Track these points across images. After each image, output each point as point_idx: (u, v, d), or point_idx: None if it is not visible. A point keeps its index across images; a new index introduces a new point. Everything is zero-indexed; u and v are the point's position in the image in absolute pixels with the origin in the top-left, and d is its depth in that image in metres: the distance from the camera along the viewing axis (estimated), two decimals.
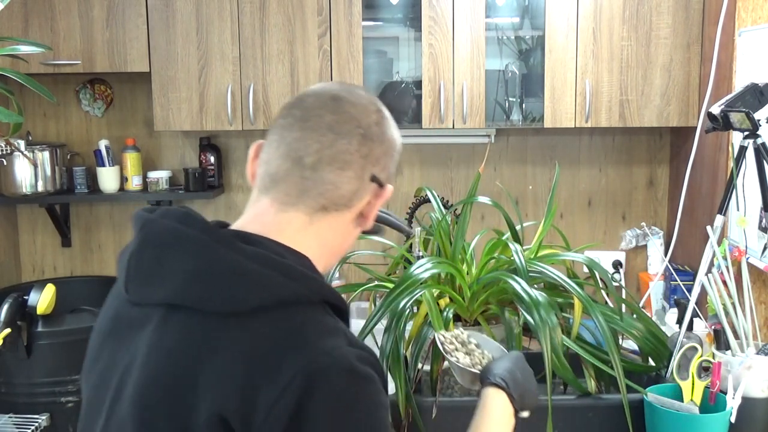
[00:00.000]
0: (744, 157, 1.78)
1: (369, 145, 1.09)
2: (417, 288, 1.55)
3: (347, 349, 0.96)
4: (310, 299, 1.00)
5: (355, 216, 1.12)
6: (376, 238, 1.54)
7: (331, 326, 1.00)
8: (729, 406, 1.49)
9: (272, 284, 0.98)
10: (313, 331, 0.97)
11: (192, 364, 0.96)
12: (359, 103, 1.11)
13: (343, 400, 0.92)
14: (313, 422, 0.89)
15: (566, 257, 1.72)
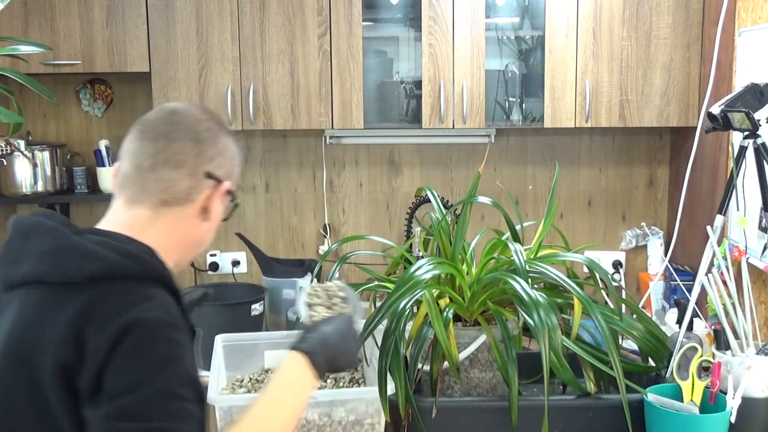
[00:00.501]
0: (744, 157, 1.78)
1: (201, 147, 1.30)
2: (417, 288, 1.55)
3: (159, 312, 1.15)
4: (141, 276, 1.19)
5: (199, 210, 1.31)
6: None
7: (154, 295, 1.18)
8: (729, 406, 1.49)
9: (106, 260, 1.18)
10: (135, 298, 1.15)
11: (39, 329, 1.15)
12: (192, 114, 1.33)
13: (145, 345, 1.12)
14: (119, 359, 1.10)
15: (566, 257, 1.72)
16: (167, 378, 1.12)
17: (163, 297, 1.20)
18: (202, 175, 1.30)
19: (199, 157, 1.30)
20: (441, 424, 1.53)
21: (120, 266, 1.18)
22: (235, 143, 1.38)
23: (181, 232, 1.31)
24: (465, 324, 1.66)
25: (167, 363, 1.13)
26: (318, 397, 1.53)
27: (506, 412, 1.51)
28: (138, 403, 1.09)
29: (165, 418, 1.09)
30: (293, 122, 2.93)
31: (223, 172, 1.34)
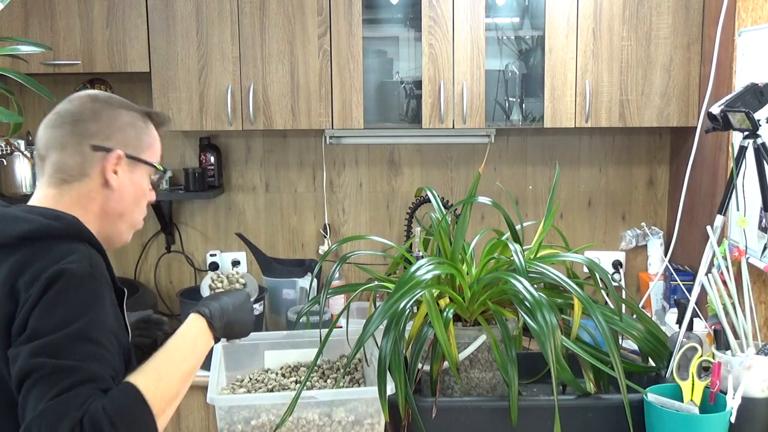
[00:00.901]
0: (744, 157, 1.78)
1: (81, 126, 1.45)
2: (417, 288, 1.55)
3: (83, 264, 1.31)
4: (65, 234, 1.35)
5: (101, 182, 1.46)
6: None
7: (78, 250, 1.34)
8: (729, 406, 1.49)
9: (34, 222, 1.35)
10: (61, 252, 1.31)
11: None
12: (75, 99, 1.50)
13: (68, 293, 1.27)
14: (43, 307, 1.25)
15: (566, 258, 1.72)
16: (85, 323, 1.26)
17: (87, 251, 1.35)
18: (89, 150, 1.45)
19: (80, 135, 1.45)
20: (441, 424, 1.53)
21: (46, 227, 1.35)
22: (130, 113, 1.51)
23: (92, 205, 1.46)
24: (465, 324, 1.66)
25: (87, 309, 1.27)
26: (318, 397, 1.53)
27: (506, 412, 1.51)
28: (55, 342, 1.23)
29: (77, 357, 1.22)
30: (293, 122, 2.93)
31: (115, 142, 1.47)
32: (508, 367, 1.51)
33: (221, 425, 1.54)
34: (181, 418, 2.85)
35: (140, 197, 1.53)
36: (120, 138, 1.48)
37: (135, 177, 1.50)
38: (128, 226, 1.53)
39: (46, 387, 1.20)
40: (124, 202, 1.49)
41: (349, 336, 1.70)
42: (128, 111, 1.52)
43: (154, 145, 1.55)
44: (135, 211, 1.53)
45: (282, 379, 1.74)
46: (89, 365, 1.23)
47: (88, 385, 1.21)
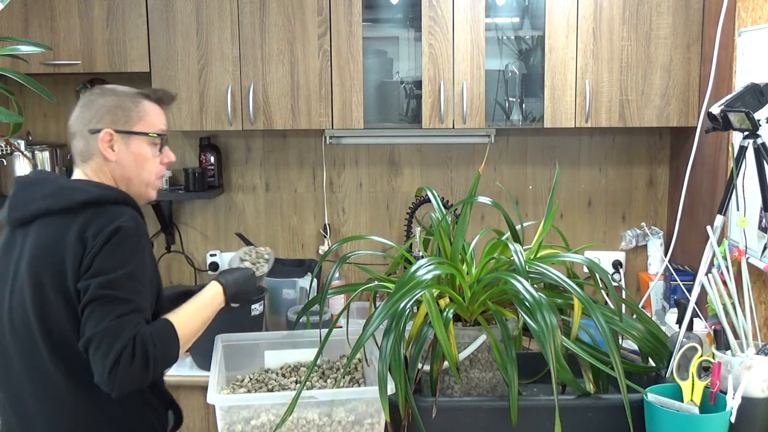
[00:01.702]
0: (744, 157, 1.78)
1: (81, 115, 1.82)
2: (417, 288, 1.55)
3: (132, 223, 1.69)
4: (115, 200, 1.75)
5: (103, 158, 1.81)
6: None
7: (126, 212, 1.72)
8: (729, 406, 1.49)
9: (91, 192, 1.73)
10: (116, 214, 1.70)
11: (59, 245, 1.68)
12: (84, 95, 1.87)
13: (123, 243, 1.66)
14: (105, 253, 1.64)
15: (566, 258, 1.72)
16: (133, 267, 1.65)
17: (133, 213, 1.74)
18: (88, 133, 1.81)
19: (81, 123, 1.82)
20: (441, 424, 1.53)
21: (103, 194, 1.74)
22: (118, 97, 1.84)
23: (107, 176, 1.82)
24: (465, 324, 1.66)
25: (135, 257, 1.67)
26: (318, 397, 1.53)
27: (506, 412, 1.51)
28: (115, 279, 1.62)
29: (130, 292, 1.63)
30: (293, 122, 2.94)
31: (104, 123, 1.80)
32: (508, 367, 1.51)
33: (221, 425, 1.54)
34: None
35: (142, 162, 1.84)
36: (108, 119, 1.81)
37: (132, 147, 1.82)
38: (142, 185, 1.86)
39: (107, 311, 1.59)
40: (127, 168, 1.82)
41: (349, 336, 1.70)
42: (117, 95, 1.85)
43: (145, 117, 1.84)
44: (142, 173, 1.84)
45: (282, 379, 1.74)
46: (138, 299, 1.63)
47: (138, 314, 1.62)
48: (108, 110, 1.81)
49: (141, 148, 1.83)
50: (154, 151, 1.86)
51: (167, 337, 1.65)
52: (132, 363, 1.56)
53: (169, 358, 1.66)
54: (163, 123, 1.90)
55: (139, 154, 1.83)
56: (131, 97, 1.85)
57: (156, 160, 1.87)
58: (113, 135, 1.79)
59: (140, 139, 1.83)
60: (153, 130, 1.85)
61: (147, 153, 1.84)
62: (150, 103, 1.88)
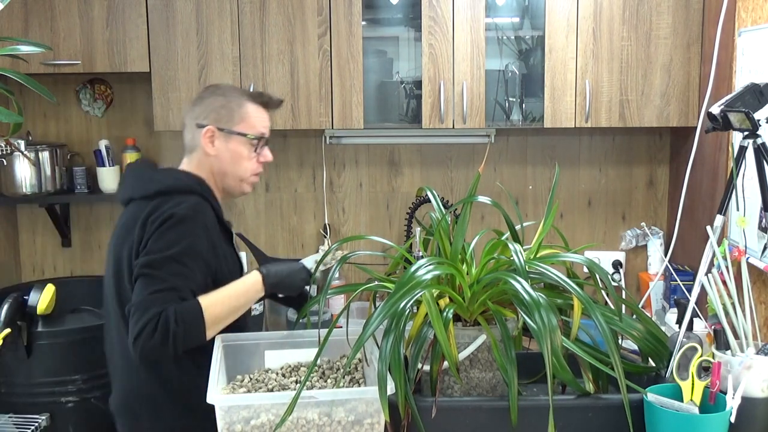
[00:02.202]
0: (744, 157, 1.78)
1: (193, 110, 2.07)
2: (417, 288, 1.55)
3: (187, 210, 1.88)
4: (182, 189, 1.94)
5: (205, 151, 2.03)
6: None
7: (187, 200, 1.91)
8: (729, 406, 1.49)
9: (163, 182, 1.95)
10: (177, 201, 1.89)
11: (132, 224, 1.90)
12: (200, 92, 2.13)
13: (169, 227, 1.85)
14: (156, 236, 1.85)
15: (566, 258, 1.72)
16: (178, 249, 1.83)
17: (194, 201, 1.92)
18: (195, 127, 2.04)
19: (191, 117, 2.06)
20: (441, 424, 1.53)
21: (171, 185, 1.95)
22: (225, 97, 2.05)
23: (206, 168, 2.04)
24: (465, 324, 1.66)
25: (182, 240, 1.84)
26: (318, 397, 1.53)
27: (506, 412, 1.51)
28: (156, 260, 1.81)
29: (167, 272, 1.81)
30: (293, 122, 2.94)
31: (211, 119, 2.03)
32: (507, 367, 1.51)
33: (221, 425, 1.54)
34: None
35: (238, 159, 2.04)
36: (213, 117, 2.03)
37: (230, 145, 2.03)
38: (236, 180, 2.07)
39: (144, 287, 1.79)
40: (224, 164, 2.04)
41: (349, 336, 1.70)
42: (225, 96, 2.06)
43: (247, 119, 2.04)
44: (237, 170, 2.05)
45: (282, 379, 1.74)
46: (174, 280, 1.80)
47: (171, 293, 1.78)
48: (214, 109, 2.04)
49: (238, 147, 2.04)
50: (251, 150, 2.06)
51: (192, 317, 1.78)
52: (152, 336, 1.74)
53: (193, 337, 1.79)
54: (264, 126, 2.09)
55: (236, 152, 2.04)
56: (237, 99, 2.05)
57: (252, 158, 2.07)
58: (215, 132, 2.02)
59: (239, 139, 2.04)
60: (252, 132, 2.05)
61: (243, 152, 2.05)
62: (254, 105, 2.07)
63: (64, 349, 2.72)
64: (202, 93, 2.10)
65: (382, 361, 1.50)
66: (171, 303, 1.76)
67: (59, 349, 2.72)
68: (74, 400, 2.77)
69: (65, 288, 3.00)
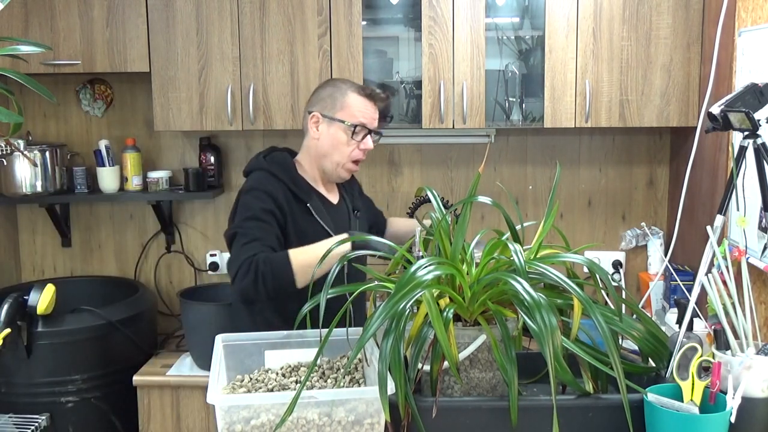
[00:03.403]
0: (744, 157, 1.78)
1: (309, 98, 2.40)
2: (418, 289, 1.55)
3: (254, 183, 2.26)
4: (263, 168, 2.30)
5: (311, 136, 2.34)
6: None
7: (260, 177, 2.27)
8: (729, 406, 1.49)
9: (251, 163, 2.35)
10: (255, 177, 2.29)
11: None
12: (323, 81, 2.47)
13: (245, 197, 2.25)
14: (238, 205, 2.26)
15: (566, 258, 1.72)
16: (254, 212, 2.19)
17: (265, 177, 2.26)
18: (306, 114, 2.35)
19: (307, 105, 2.38)
20: (441, 424, 1.53)
21: (251, 166, 2.34)
22: (333, 87, 2.33)
23: (311, 150, 2.35)
24: (465, 324, 1.66)
25: (255, 203, 2.21)
26: (318, 397, 1.53)
27: (506, 412, 1.51)
28: (240, 221, 2.19)
29: (249, 228, 2.16)
30: (293, 122, 2.94)
31: (317, 108, 2.32)
32: (508, 367, 1.51)
33: (221, 425, 1.54)
34: (181, 418, 2.85)
35: (336, 144, 2.29)
36: (320, 104, 2.31)
37: (331, 130, 2.29)
38: (333, 164, 2.31)
39: (235, 243, 2.16)
40: (324, 148, 2.31)
41: (349, 336, 1.70)
42: (335, 86, 2.33)
43: (347, 108, 2.28)
44: (334, 154, 2.30)
45: (282, 379, 1.74)
46: (257, 233, 2.14)
47: (256, 243, 2.12)
48: (322, 98, 2.31)
49: (337, 133, 2.28)
50: (349, 137, 2.28)
51: (279, 260, 2.10)
52: (245, 277, 2.07)
53: (282, 279, 2.09)
54: (365, 116, 2.29)
55: (335, 137, 2.28)
56: (344, 90, 2.30)
57: (351, 145, 2.28)
58: (320, 118, 2.29)
59: (338, 125, 2.28)
60: (351, 121, 2.27)
61: (342, 138, 2.28)
62: (359, 97, 2.29)
63: (64, 349, 2.72)
64: (320, 84, 2.41)
65: (383, 361, 1.50)
66: (259, 250, 2.09)
67: (59, 349, 2.72)
68: (74, 400, 2.77)
69: (65, 288, 3.00)
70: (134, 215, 3.39)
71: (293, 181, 2.29)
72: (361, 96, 2.29)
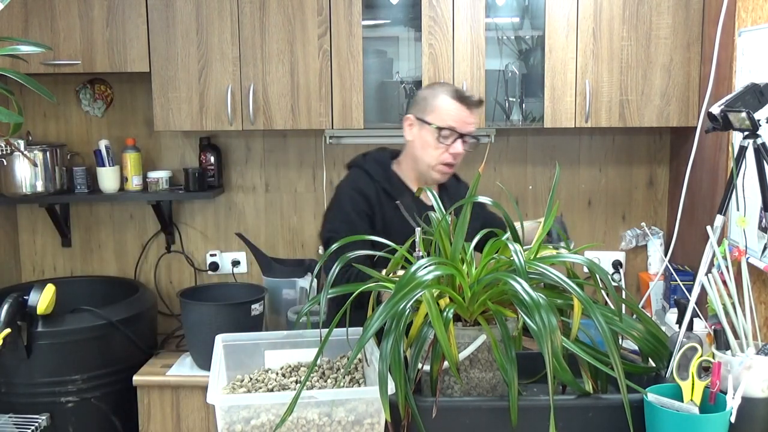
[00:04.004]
0: (744, 157, 1.78)
1: (410, 101, 2.59)
2: (418, 289, 1.55)
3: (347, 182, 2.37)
4: (357, 165, 2.40)
5: (406, 138, 2.35)
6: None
7: (352, 174, 2.40)
8: (729, 406, 1.49)
9: (356, 158, 2.44)
10: (350, 174, 2.41)
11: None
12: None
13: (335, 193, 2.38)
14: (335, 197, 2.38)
15: (566, 258, 1.72)
16: (336, 220, 2.30)
17: (357, 175, 2.37)
18: (405, 115, 2.37)
19: (408, 109, 2.42)
20: (441, 424, 1.53)
21: (354, 162, 2.43)
22: (430, 89, 2.35)
23: (408, 152, 2.37)
24: (465, 324, 1.66)
25: (345, 198, 2.32)
26: (318, 397, 1.53)
27: (506, 412, 1.51)
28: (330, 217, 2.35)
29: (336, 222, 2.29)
30: (293, 122, 2.94)
31: (413, 109, 2.33)
32: (507, 367, 1.51)
33: (221, 425, 1.54)
34: (181, 418, 2.85)
35: (425, 146, 2.28)
36: (415, 107, 2.33)
37: (422, 132, 2.29)
38: (425, 166, 2.31)
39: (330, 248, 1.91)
40: (415, 150, 2.32)
41: (349, 336, 1.70)
42: (432, 90, 2.33)
43: (436, 111, 2.26)
44: (424, 156, 2.30)
45: (282, 379, 1.74)
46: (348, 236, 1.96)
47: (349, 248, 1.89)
48: (417, 100, 2.34)
49: (426, 135, 2.28)
50: (437, 140, 2.26)
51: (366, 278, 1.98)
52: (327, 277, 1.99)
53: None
54: (455, 119, 2.25)
55: (425, 139, 2.28)
56: (437, 92, 2.29)
57: (440, 148, 2.26)
58: (413, 120, 2.31)
59: (427, 128, 2.27)
60: (437, 123, 2.25)
61: (429, 140, 2.27)
62: (450, 100, 2.25)
63: (64, 349, 2.72)
64: (420, 90, 2.46)
65: (383, 361, 1.50)
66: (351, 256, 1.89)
67: (59, 349, 2.72)
68: (74, 400, 2.77)
69: (65, 288, 3.00)
70: (134, 215, 3.39)
71: (386, 179, 2.35)
72: (453, 99, 2.26)
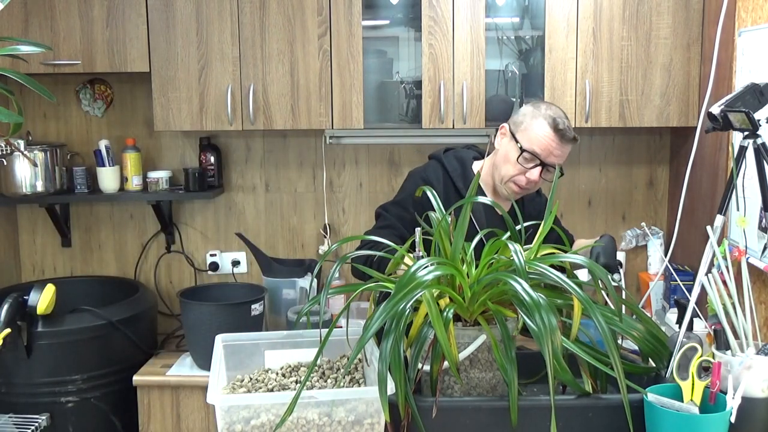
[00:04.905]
0: (744, 157, 1.78)
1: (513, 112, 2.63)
2: (418, 289, 1.55)
3: (418, 170, 2.44)
4: (436, 158, 2.45)
5: (495, 144, 2.38)
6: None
7: (431, 166, 2.43)
8: (729, 406, 1.49)
9: (438, 150, 2.49)
10: (426, 165, 2.47)
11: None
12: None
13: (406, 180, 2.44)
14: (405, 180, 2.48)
15: (566, 258, 1.72)
16: (403, 196, 2.37)
17: (434, 168, 2.41)
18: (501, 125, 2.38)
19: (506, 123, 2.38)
20: (441, 424, 1.53)
21: (434, 153, 2.47)
22: (533, 107, 2.30)
23: (493, 157, 2.38)
24: (465, 324, 1.66)
25: (410, 188, 2.33)
26: (318, 397, 1.53)
27: (506, 412, 1.51)
28: (389, 203, 2.41)
29: (390, 212, 2.36)
30: (293, 122, 2.94)
31: (511, 121, 2.34)
32: (507, 367, 1.51)
33: (221, 425, 1.54)
34: (181, 418, 2.85)
35: (506, 160, 2.29)
36: (513, 120, 2.33)
37: (509, 146, 2.30)
38: (499, 177, 2.32)
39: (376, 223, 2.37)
40: (498, 158, 2.34)
41: (349, 336, 1.70)
42: (535, 108, 2.29)
43: (527, 132, 2.26)
44: (501, 168, 2.31)
45: (282, 379, 1.74)
46: (394, 220, 2.31)
47: (389, 230, 2.22)
48: (518, 114, 2.33)
49: (511, 150, 2.29)
50: (518, 159, 2.26)
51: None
52: (359, 258, 2.12)
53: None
54: (542, 147, 2.24)
55: (507, 153, 2.30)
56: (537, 113, 2.27)
57: (517, 168, 2.27)
58: (507, 130, 2.33)
59: (514, 144, 2.28)
60: (524, 144, 2.25)
61: (512, 156, 2.28)
62: (545, 127, 2.24)
63: (64, 349, 2.72)
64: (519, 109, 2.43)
65: (382, 361, 1.50)
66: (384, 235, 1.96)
67: (59, 349, 2.72)
68: (74, 400, 2.77)
69: (65, 288, 3.00)
70: (134, 215, 3.39)
71: (461, 176, 2.36)
72: (549, 126, 2.24)
